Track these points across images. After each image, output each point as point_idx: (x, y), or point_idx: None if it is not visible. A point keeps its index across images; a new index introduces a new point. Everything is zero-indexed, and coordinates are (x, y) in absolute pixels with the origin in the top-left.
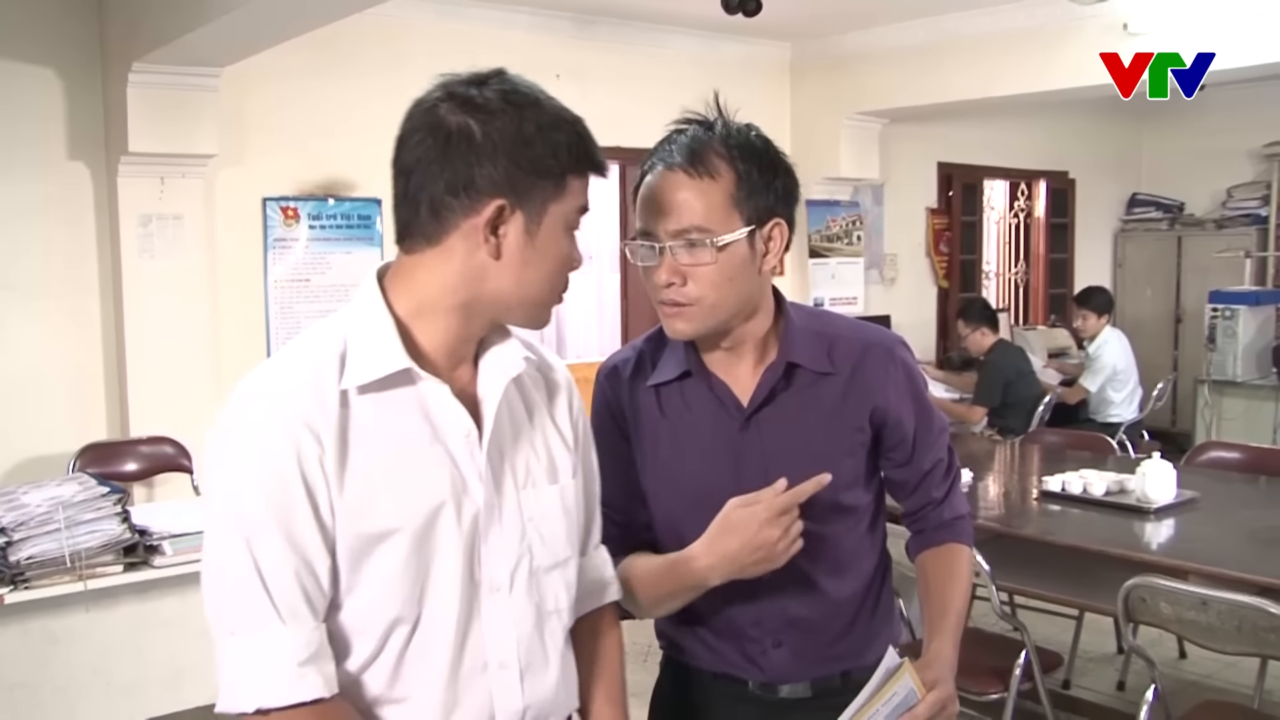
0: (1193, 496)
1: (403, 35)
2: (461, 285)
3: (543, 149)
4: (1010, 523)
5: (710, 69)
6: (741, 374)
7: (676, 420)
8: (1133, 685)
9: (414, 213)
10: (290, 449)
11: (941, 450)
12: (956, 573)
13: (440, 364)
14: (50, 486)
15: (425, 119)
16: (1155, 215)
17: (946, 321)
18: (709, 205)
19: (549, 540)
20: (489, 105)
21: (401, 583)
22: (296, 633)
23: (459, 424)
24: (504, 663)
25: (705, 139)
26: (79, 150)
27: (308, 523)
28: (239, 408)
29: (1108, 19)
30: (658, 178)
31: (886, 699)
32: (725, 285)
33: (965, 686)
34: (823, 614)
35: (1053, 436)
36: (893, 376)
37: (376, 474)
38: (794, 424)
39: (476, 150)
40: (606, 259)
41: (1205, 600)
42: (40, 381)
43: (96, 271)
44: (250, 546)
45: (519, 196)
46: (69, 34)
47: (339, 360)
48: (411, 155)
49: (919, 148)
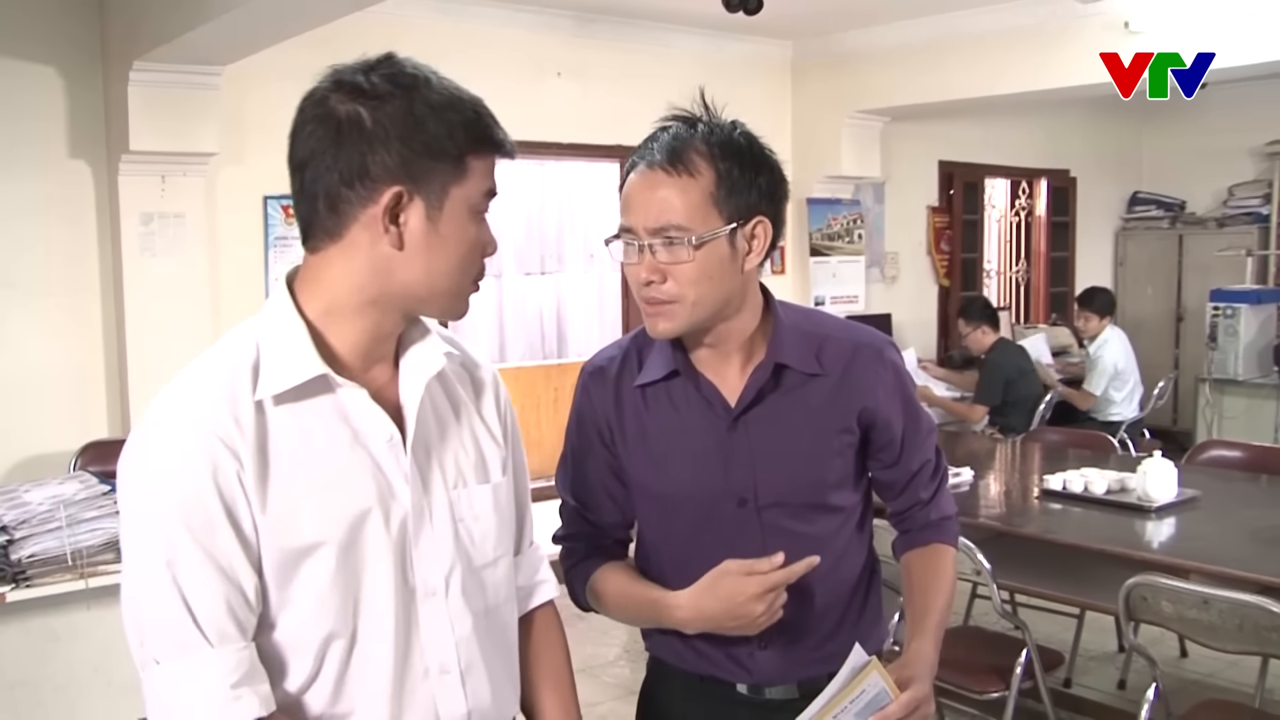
0: (1194, 495)
1: (404, 34)
2: (369, 280)
3: (437, 130)
4: (1011, 521)
5: (712, 67)
6: (729, 374)
7: (663, 420)
8: (1134, 684)
9: (312, 209)
10: (206, 466)
11: (929, 451)
12: (941, 573)
13: (356, 366)
14: (52, 485)
15: (315, 110)
16: (1156, 214)
17: (947, 320)
18: (688, 204)
19: (480, 540)
20: (377, 90)
21: (332, 596)
22: (226, 655)
23: (380, 428)
24: (445, 667)
25: (686, 137)
26: (80, 148)
27: (229, 541)
28: (151, 426)
29: (1109, 17)
30: (639, 175)
31: (854, 697)
32: (705, 283)
33: (966, 685)
34: (810, 616)
35: (1054, 435)
36: (882, 377)
37: (299, 486)
38: (782, 425)
39: (368, 137)
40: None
41: (1207, 599)
42: (41, 380)
43: (98, 270)
44: (172, 569)
45: (416, 182)
46: (70, 32)
47: (252, 370)
48: (304, 149)
49: (920, 146)
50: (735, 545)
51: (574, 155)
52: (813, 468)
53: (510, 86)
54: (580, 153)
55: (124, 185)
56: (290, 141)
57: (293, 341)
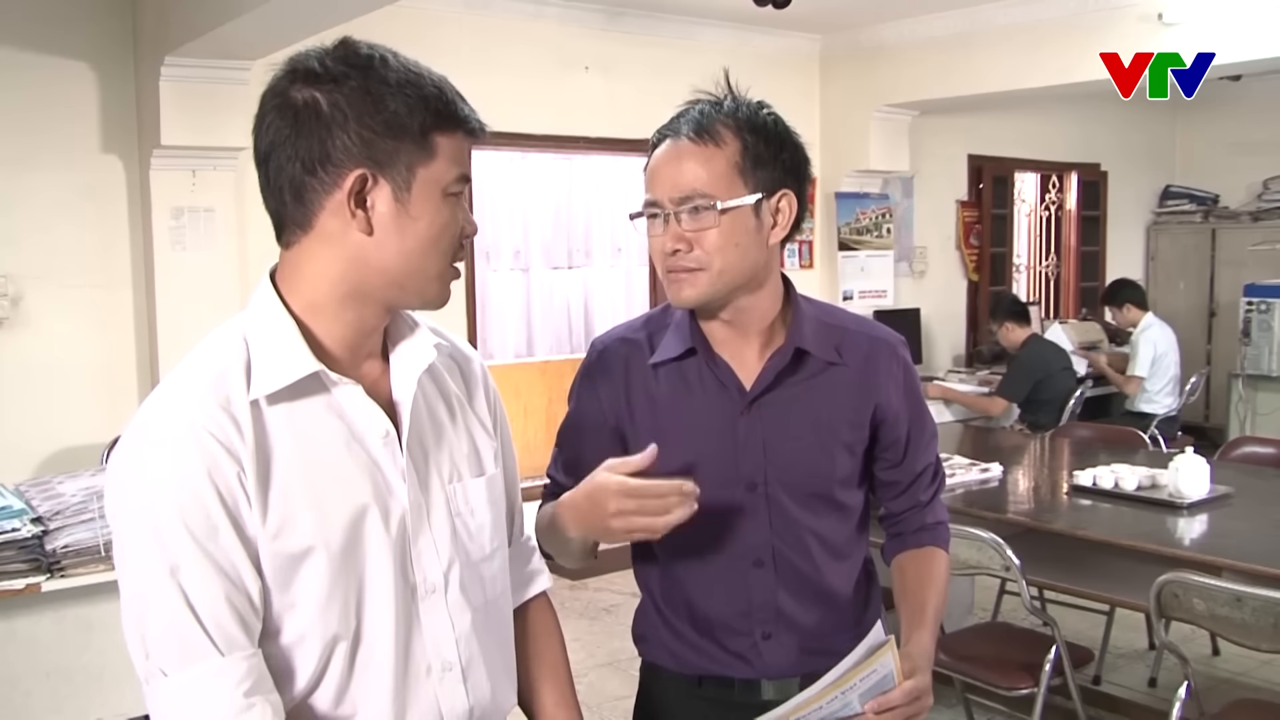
0: (1227, 492)
1: (433, 28)
2: (347, 270)
3: (396, 108)
4: (1040, 517)
5: (740, 61)
6: (747, 357)
7: (675, 399)
8: (1164, 682)
9: (280, 201)
10: (202, 467)
11: (932, 455)
12: (936, 575)
13: (345, 361)
14: (85, 476)
15: (273, 101)
16: (1189, 208)
17: (976, 315)
18: (713, 172)
19: (478, 534)
20: (332, 73)
21: (334, 597)
22: (236, 663)
23: (376, 425)
24: (447, 664)
25: (713, 112)
26: (112, 143)
27: (232, 543)
28: (145, 428)
29: (1142, 9)
30: (664, 149)
31: (865, 674)
32: (731, 250)
33: (995, 681)
34: (812, 607)
35: (1083, 431)
36: (894, 375)
37: (298, 487)
38: (796, 413)
39: (326, 122)
40: (635, 252)
41: (1240, 597)
42: (73, 372)
43: (129, 263)
44: (176, 575)
45: (379, 164)
46: (102, 28)
47: (244, 369)
48: (265, 141)
49: (949, 140)
50: (742, 529)
51: (601, 149)
52: (823, 459)
53: (538, 81)
54: (608, 147)
55: (155, 179)
56: (253, 136)
57: (283, 338)
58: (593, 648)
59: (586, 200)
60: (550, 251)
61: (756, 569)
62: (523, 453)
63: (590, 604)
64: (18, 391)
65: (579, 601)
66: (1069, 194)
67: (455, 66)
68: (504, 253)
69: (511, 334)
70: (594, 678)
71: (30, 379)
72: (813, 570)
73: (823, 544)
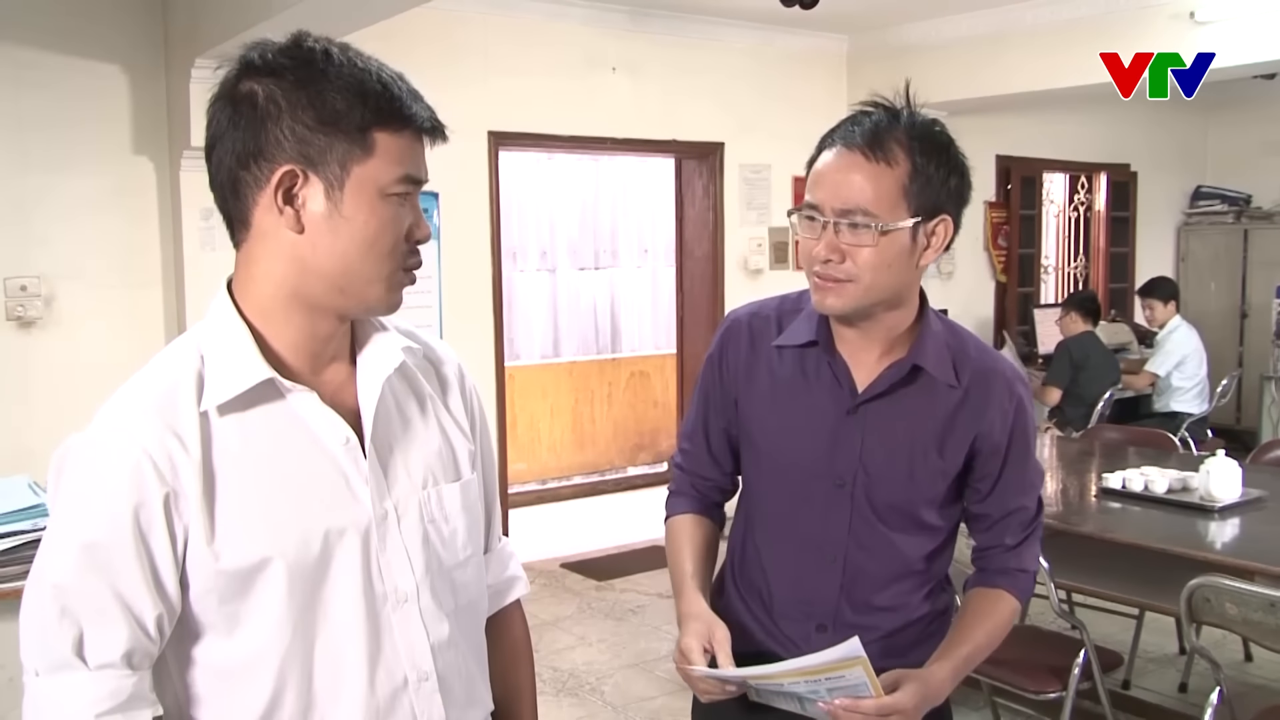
0: (1259, 495)
1: (458, 29)
2: (288, 271)
3: (335, 103)
4: (1069, 519)
5: (766, 62)
6: (867, 360)
7: (791, 383)
8: (1195, 687)
9: (222, 196)
10: (128, 495)
11: (1028, 499)
12: (992, 617)
13: (303, 368)
14: None
15: (220, 93)
16: (1220, 208)
17: (1004, 316)
18: (879, 191)
19: (450, 540)
20: (274, 65)
21: (290, 611)
22: (102, 680)
23: (335, 432)
24: (423, 675)
25: (889, 125)
26: (143, 144)
27: (134, 574)
28: (84, 441)
29: (1174, 8)
30: (835, 155)
31: (833, 675)
32: (883, 270)
33: (1023, 685)
34: (869, 614)
35: (1113, 433)
36: (1004, 409)
37: (251, 500)
38: (899, 424)
39: (261, 115)
40: (662, 253)
41: (1274, 602)
42: (104, 371)
43: (159, 263)
44: (61, 593)
45: (311, 161)
46: (133, 31)
47: (196, 380)
48: (209, 134)
49: (977, 140)
50: (822, 522)
51: (628, 150)
52: (913, 474)
53: (564, 81)
54: (634, 147)
55: (185, 180)
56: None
57: (236, 346)
58: (619, 649)
59: (613, 201)
60: (577, 252)
61: (827, 563)
62: (549, 453)
63: (616, 604)
64: (49, 391)
65: (605, 602)
66: (1098, 195)
67: (479, 68)
68: (530, 253)
69: (538, 335)
70: (620, 679)
71: (61, 379)
72: (878, 579)
73: (894, 557)
